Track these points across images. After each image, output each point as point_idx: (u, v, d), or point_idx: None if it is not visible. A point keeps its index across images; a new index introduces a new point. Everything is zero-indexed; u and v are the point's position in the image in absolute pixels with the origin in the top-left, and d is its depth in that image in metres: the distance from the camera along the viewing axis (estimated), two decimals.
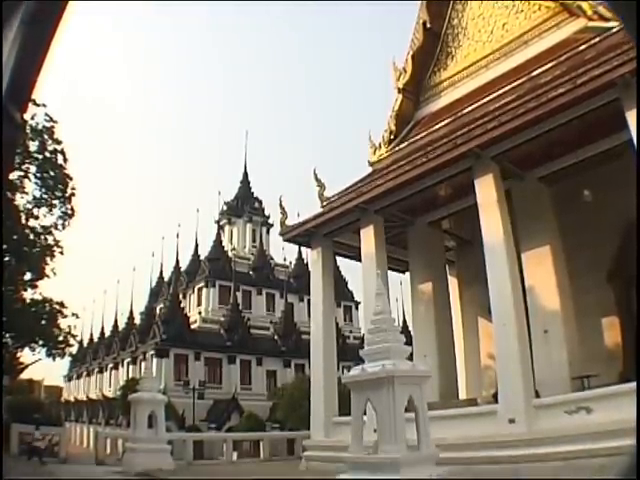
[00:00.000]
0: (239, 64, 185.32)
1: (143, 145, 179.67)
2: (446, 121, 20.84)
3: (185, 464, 22.92)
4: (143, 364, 41.74)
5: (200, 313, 55.02)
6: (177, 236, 61.08)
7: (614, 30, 14.95)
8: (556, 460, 11.98)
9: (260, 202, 67.53)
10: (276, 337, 53.92)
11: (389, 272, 21.49)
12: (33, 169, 22.21)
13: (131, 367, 53.28)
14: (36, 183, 22.43)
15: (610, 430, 10.75)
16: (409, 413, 10.00)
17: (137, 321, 61.95)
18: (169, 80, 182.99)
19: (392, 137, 24.39)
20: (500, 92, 18.66)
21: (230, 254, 60.32)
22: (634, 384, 11.32)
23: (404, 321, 51.13)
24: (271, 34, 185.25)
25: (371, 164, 24.32)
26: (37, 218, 22.95)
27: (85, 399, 63.65)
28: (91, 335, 70.63)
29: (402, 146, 22.99)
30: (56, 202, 23.00)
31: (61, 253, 23.27)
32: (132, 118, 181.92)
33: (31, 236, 22.48)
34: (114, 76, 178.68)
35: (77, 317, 26.37)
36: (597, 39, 15.93)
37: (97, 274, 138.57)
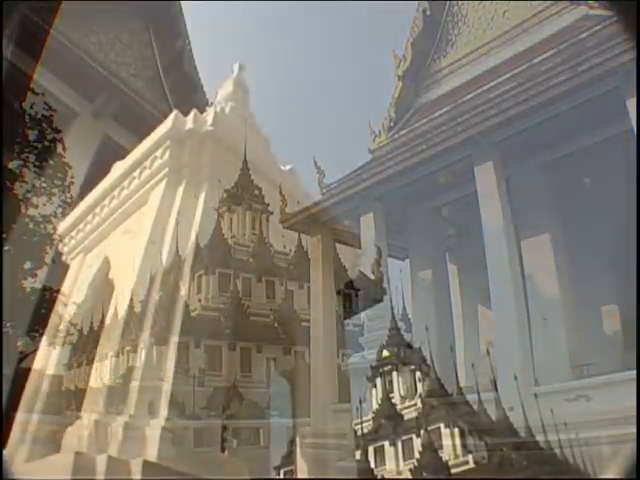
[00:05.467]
0: (237, 54, 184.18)
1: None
2: (446, 108, 20.75)
3: (185, 452, 22.92)
4: (143, 352, 41.75)
5: (200, 301, 54.93)
6: (176, 224, 61.03)
7: (615, 18, 14.86)
8: (555, 448, 12.01)
9: (260, 190, 67.31)
10: (276, 324, 53.87)
11: (389, 259, 21.48)
12: (32, 158, 22.14)
13: (131, 355, 53.33)
14: (35, 172, 22.37)
15: (609, 418, 10.78)
16: None
17: (137, 309, 61.94)
18: None
19: (392, 124, 24.26)
20: (500, 79, 18.59)
21: (230, 242, 60.21)
22: (633, 372, 11.36)
23: (404, 308, 51.06)
24: (267, 19, 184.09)
25: (371, 151, 24.21)
26: (36, 207, 22.91)
27: (85, 387, 63.70)
28: (91, 323, 70.64)
29: (402, 133, 22.87)
30: (55, 191, 22.96)
31: (61, 242, 23.25)
32: None
33: (30, 225, 22.44)
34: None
35: (77, 305, 26.38)
36: (598, 27, 15.83)
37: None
